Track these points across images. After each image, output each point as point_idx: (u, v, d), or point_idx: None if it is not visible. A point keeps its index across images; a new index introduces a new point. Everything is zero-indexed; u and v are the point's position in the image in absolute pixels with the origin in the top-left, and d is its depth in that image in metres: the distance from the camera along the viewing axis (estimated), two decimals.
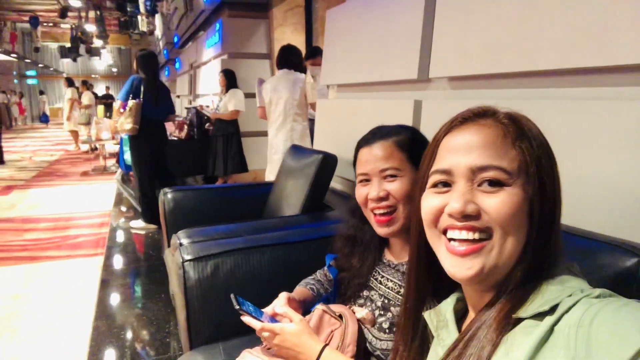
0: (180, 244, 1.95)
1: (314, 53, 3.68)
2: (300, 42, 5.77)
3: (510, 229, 0.56)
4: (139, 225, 4.27)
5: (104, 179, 6.78)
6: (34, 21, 17.54)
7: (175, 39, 11.43)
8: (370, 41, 2.21)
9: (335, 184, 2.47)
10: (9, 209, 4.98)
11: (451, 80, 1.70)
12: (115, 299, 2.85)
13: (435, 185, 0.62)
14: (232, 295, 1.02)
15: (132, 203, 5.17)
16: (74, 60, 20.34)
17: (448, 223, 0.59)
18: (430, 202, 0.62)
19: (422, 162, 0.65)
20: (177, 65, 12.05)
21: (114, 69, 24.56)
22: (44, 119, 20.90)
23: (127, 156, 4.15)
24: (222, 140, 5.06)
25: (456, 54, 1.61)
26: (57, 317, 2.59)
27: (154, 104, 4.08)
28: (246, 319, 1.00)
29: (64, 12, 13.25)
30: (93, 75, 23.23)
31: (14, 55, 15.89)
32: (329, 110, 2.83)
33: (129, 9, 14.39)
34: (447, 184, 0.60)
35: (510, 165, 0.57)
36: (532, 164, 0.57)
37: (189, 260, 1.65)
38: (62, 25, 18.76)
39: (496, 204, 0.56)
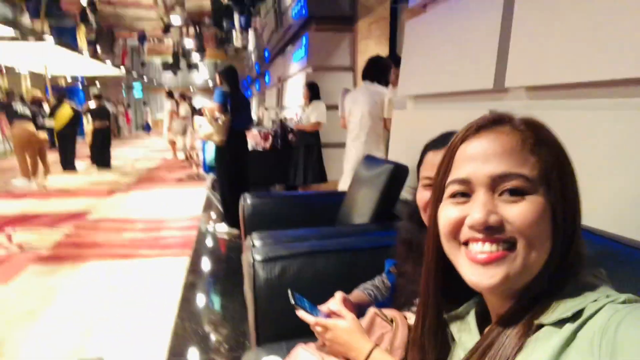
0: (253, 245, 2.06)
1: (398, 64, 3.69)
2: (383, 54, 5.80)
3: (535, 238, 0.55)
4: (223, 229, 4.51)
5: (196, 185, 7.24)
6: (142, 38, 19.29)
7: (266, 54, 11.97)
8: (447, 51, 2.18)
9: (407, 194, 2.45)
10: (112, 210, 5.50)
11: (529, 90, 1.63)
12: (197, 296, 3.03)
13: (453, 196, 0.60)
14: (289, 290, 1.07)
15: (219, 208, 5.47)
16: (175, 74, 22.02)
17: (469, 235, 0.57)
18: (449, 213, 0.60)
19: (437, 171, 0.64)
20: (267, 78, 12.59)
21: (210, 82, 26.20)
22: (147, 128, 22.79)
23: (209, 158, 4.44)
24: (303, 150, 5.21)
25: (534, 62, 1.55)
26: (145, 308, 2.82)
27: (236, 114, 4.33)
28: (301, 313, 1.04)
29: (167, 28, 14.37)
30: (191, 88, 24.90)
31: (123, 69, 17.51)
32: (405, 121, 2.83)
33: (225, 25, 15.25)
34: (465, 194, 0.59)
35: (531, 172, 0.56)
36: (553, 170, 0.56)
37: (259, 260, 1.74)
38: (166, 41, 20.37)
39: (519, 213, 0.55)
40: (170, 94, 10.64)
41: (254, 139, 6.95)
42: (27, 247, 4.02)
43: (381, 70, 3.66)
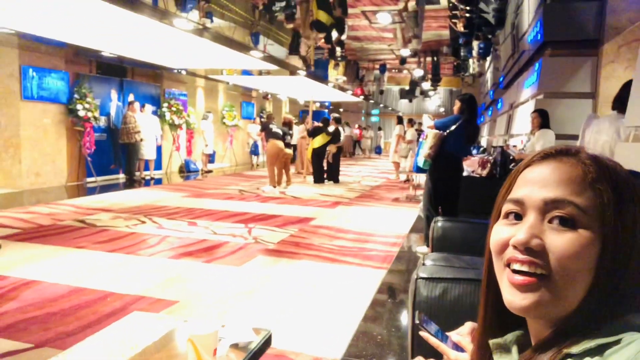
0: (423, 264, 2.13)
1: None
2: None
3: (574, 273, 0.54)
4: (423, 250, 4.60)
5: (410, 206, 7.48)
6: (382, 68, 20.78)
7: (500, 80, 11.55)
8: None
9: None
10: (331, 219, 6.15)
11: None
12: (384, 306, 3.22)
13: (507, 216, 0.62)
14: (417, 311, 1.14)
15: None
16: (410, 101, 22.98)
17: (511, 255, 0.59)
18: (499, 232, 0.62)
19: (499, 192, 0.66)
20: (499, 105, 12.13)
21: (442, 109, 26.40)
22: (378, 150, 24.30)
23: (420, 160, 4.57)
24: None
25: None
26: (336, 307, 3.13)
27: (464, 142, 4.38)
28: (424, 334, 1.10)
29: (403, 60, 15.16)
30: (424, 114, 25.59)
31: (362, 97, 19.15)
32: (627, 156, 2.49)
33: (462, 53, 15.25)
34: (518, 216, 0.60)
35: (585, 203, 0.55)
36: (610, 207, 0.55)
37: (422, 278, 1.81)
38: (404, 71, 21.48)
39: (562, 244, 0.55)
40: (399, 120, 11.26)
41: (471, 165, 6.82)
42: (260, 240, 4.87)
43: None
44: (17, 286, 3.30)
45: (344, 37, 11.46)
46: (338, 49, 12.64)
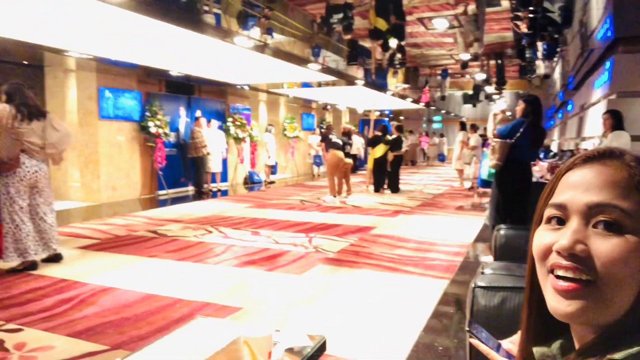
0: (482, 272, 2.07)
1: None
2: None
3: (620, 279, 0.53)
4: (487, 259, 4.45)
5: (475, 214, 7.26)
6: (444, 74, 20.40)
7: (570, 80, 11.00)
8: None
9: None
10: (391, 229, 6.10)
11: None
12: (446, 318, 3.15)
13: (549, 221, 0.61)
14: (468, 319, 1.12)
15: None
16: (474, 105, 22.34)
17: (555, 261, 0.58)
18: (541, 238, 0.61)
19: (540, 196, 0.65)
20: (569, 107, 11.53)
21: (508, 113, 25.44)
22: (441, 158, 23.76)
23: (484, 172, 4.45)
24: None
25: None
26: (395, 318, 3.11)
27: (528, 146, 4.22)
28: (474, 341, 1.09)
29: (464, 64, 14.81)
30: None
31: (424, 104, 18.87)
32: None
33: (527, 55, 14.69)
34: (561, 221, 0.59)
35: (632, 207, 0.53)
36: None
37: (480, 287, 1.77)
38: (467, 75, 20.95)
39: (608, 249, 0.53)
40: (463, 126, 11.00)
41: (540, 171, 6.52)
42: (320, 249, 4.93)
43: None
44: (95, 292, 3.56)
45: (403, 42, 11.38)
46: (399, 55, 12.58)
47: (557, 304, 0.57)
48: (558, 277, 0.57)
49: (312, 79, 10.92)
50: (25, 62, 8.08)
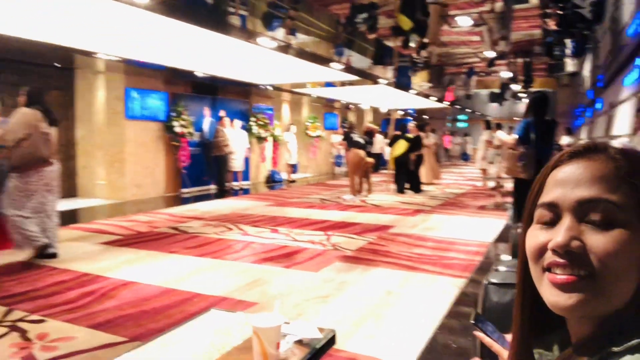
0: (496, 269, 2.04)
1: None
2: None
3: (618, 272, 0.53)
4: (506, 258, 4.37)
5: (497, 214, 7.14)
6: (470, 72, 20.11)
7: (599, 78, 10.71)
8: None
9: None
10: (411, 227, 6.06)
11: None
12: (462, 317, 3.12)
13: (541, 220, 0.61)
14: (474, 310, 1.12)
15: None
16: (500, 104, 21.95)
17: (551, 260, 0.57)
18: (535, 237, 0.61)
19: (529, 195, 0.65)
20: (598, 105, 11.23)
21: None
22: (465, 157, 23.43)
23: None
24: None
25: None
26: (410, 316, 3.09)
27: (540, 144, 4.16)
28: (478, 334, 1.08)
29: (491, 62, 14.59)
30: (515, 118, 24.27)
31: (447, 104, 18.64)
32: None
33: (555, 52, 14.38)
34: (553, 219, 0.59)
35: (622, 200, 0.54)
36: None
37: (493, 283, 1.75)
38: (493, 75, 20.61)
39: (604, 243, 0.53)
40: (487, 125, 10.82)
41: None
42: (338, 247, 4.93)
43: None
44: (116, 286, 3.65)
45: (426, 40, 11.27)
46: (424, 53, 12.46)
47: (557, 298, 0.57)
48: (556, 273, 0.58)
49: (336, 78, 10.92)
50: (57, 65, 8.32)
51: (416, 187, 10.01)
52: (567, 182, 0.58)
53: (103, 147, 8.63)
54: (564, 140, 11.51)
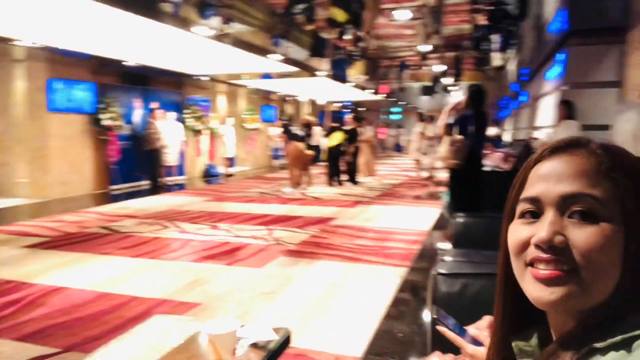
0: (442, 260, 2.09)
1: None
2: None
3: (600, 265, 0.53)
4: (445, 247, 4.53)
5: (432, 204, 7.38)
6: (403, 66, 20.64)
7: (524, 72, 11.35)
8: None
9: None
10: (350, 219, 6.13)
11: None
12: (405, 305, 3.18)
13: (523, 215, 0.60)
14: (434, 306, 1.11)
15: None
16: (432, 97, 22.74)
17: (534, 255, 0.57)
18: (517, 232, 0.60)
19: (510, 190, 0.64)
20: (523, 98, 11.92)
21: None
22: (398, 148, 24.13)
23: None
24: None
25: None
26: (356, 306, 3.12)
27: (475, 136, 4.32)
28: (442, 329, 1.08)
29: (424, 56, 15.04)
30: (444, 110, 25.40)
31: (383, 96, 19.04)
32: None
33: (483, 47, 15.03)
34: (535, 214, 0.59)
35: (604, 195, 0.54)
36: (629, 197, 0.53)
37: (441, 274, 1.78)
38: (424, 68, 21.27)
39: (585, 238, 0.53)
40: (421, 117, 11.15)
41: (494, 160, 6.70)
42: (281, 241, 4.88)
43: None
44: (45, 293, 3.38)
45: (361, 33, 11.39)
46: (360, 45, 12.56)
47: (540, 293, 0.56)
48: (539, 268, 0.57)
49: (274, 69, 10.78)
50: None
51: (353, 179, 10.13)
52: (549, 177, 0.58)
53: (23, 142, 7.98)
54: (491, 131, 12.11)
